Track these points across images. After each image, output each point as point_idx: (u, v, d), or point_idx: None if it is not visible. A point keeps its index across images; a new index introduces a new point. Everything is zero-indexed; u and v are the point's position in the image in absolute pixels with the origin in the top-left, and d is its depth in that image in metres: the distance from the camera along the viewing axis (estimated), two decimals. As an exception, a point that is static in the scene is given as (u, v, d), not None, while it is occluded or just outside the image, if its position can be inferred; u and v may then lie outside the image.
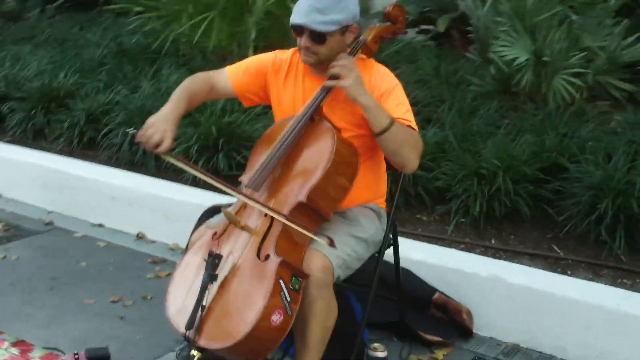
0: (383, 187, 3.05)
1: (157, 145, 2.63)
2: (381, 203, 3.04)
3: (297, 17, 2.69)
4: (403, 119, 2.72)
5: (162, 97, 5.09)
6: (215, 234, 2.76)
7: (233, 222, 2.65)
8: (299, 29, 2.71)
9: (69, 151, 5.33)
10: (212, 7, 5.93)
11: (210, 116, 4.77)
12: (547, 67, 4.89)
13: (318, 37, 2.69)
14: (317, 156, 2.70)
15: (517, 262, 3.60)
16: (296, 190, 2.66)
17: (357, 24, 2.78)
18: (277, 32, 6.18)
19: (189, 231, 4.06)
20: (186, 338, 2.56)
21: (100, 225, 4.64)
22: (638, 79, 5.11)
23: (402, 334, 3.35)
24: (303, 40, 2.73)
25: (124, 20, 7.52)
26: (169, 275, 3.95)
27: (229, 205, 2.92)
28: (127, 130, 2.76)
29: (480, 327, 3.41)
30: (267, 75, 2.95)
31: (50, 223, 4.69)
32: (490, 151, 3.95)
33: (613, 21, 5.14)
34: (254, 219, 2.68)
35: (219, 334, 2.49)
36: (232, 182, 4.47)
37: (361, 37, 2.93)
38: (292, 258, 2.60)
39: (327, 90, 2.77)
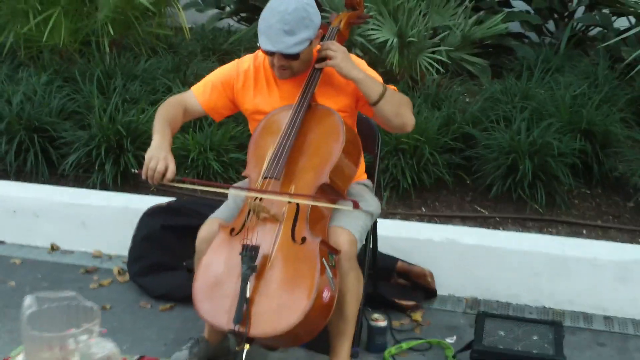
0: (364, 164, 3.24)
1: (164, 173, 2.72)
2: (365, 178, 3.23)
3: (267, 43, 2.76)
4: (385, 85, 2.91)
5: (44, 101, 4.81)
6: (232, 230, 2.78)
7: (261, 213, 2.70)
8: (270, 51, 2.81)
9: None
10: (54, 4, 5.66)
11: (101, 116, 4.60)
12: (411, 47, 5.30)
13: (291, 56, 2.81)
14: (328, 138, 2.83)
15: (451, 225, 3.96)
16: (316, 173, 2.77)
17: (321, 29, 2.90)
18: (122, 27, 6.02)
19: (111, 237, 4.06)
20: (235, 332, 2.59)
21: (1, 242, 4.31)
22: (487, 53, 5.70)
23: (375, 304, 3.55)
24: (276, 60, 2.83)
25: None
26: (112, 282, 3.85)
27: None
28: (133, 170, 2.88)
29: (439, 286, 3.71)
30: (233, 86, 3.04)
31: (-60, 247, 4.29)
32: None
33: (456, 2, 5.65)
34: (277, 206, 2.73)
35: (273, 321, 2.55)
36: (146, 181, 4.43)
37: (333, 25, 3.08)
38: (324, 236, 2.72)
39: (317, 76, 2.90)
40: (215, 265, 2.76)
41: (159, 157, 2.75)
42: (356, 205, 2.69)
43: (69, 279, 3.89)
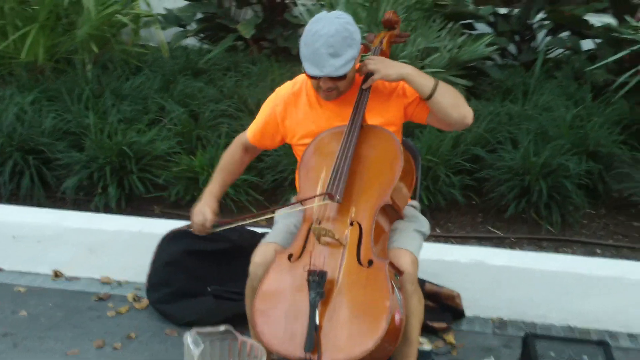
0: None
1: (204, 224, 2.92)
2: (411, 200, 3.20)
3: (314, 69, 2.72)
4: None
5: (35, 121, 4.63)
6: (291, 255, 2.72)
7: (326, 237, 2.65)
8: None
9: None
10: (32, 21, 5.51)
11: (97, 136, 4.45)
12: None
13: (338, 77, 2.76)
14: (387, 159, 2.80)
15: (468, 245, 3.99)
16: (378, 194, 2.73)
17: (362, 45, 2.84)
18: (99, 44, 5.85)
19: (121, 262, 3.95)
20: (307, 360, 2.52)
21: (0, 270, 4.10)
22: (472, 75, 5.79)
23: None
24: (322, 83, 2.79)
25: None
26: (129, 309, 3.72)
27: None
28: (188, 228, 3.03)
29: (465, 308, 3.73)
30: (277, 121, 3.01)
31: None
32: (423, 147, 4.25)
33: (439, 25, 5.72)
34: (339, 230, 2.69)
35: (347, 347, 2.49)
36: (149, 203, 4.31)
37: (374, 45, 3.05)
38: (387, 258, 2.69)
39: (367, 95, 2.86)
40: (276, 293, 2.67)
41: (198, 212, 2.97)
42: (331, 197, 2.68)
43: (84, 308, 3.72)
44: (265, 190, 4.41)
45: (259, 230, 3.79)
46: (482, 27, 6.48)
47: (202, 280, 3.67)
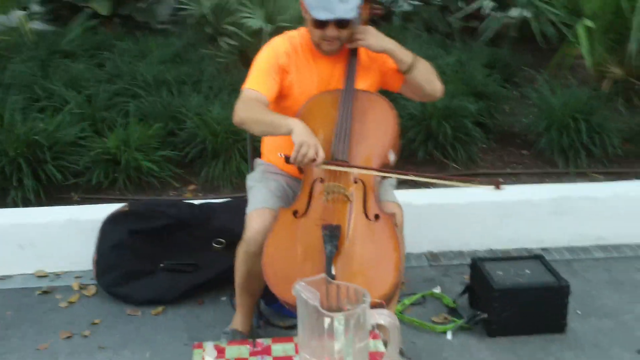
0: None
1: (313, 159, 2.71)
2: None
3: (325, 13, 2.83)
4: None
5: None
6: (296, 212, 2.84)
7: (337, 193, 2.81)
8: (324, 22, 2.88)
9: None
10: None
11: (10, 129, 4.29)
12: (283, 32, 5.49)
13: (344, 24, 2.90)
14: (384, 122, 2.99)
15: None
16: (379, 153, 2.93)
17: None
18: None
19: (53, 253, 3.86)
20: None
21: None
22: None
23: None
24: (329, 30, 2.90)
25: None
26: (80, 298, 3.69)
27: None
28: (280, 154, 2.78)
29: (399, 247, 4.03)
30: (284, 70, 3.00)
31: None
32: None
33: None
34: (345, 188, 2.84)
35: None
36: (66, 192, 4.23)
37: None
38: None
39: (355, 60, 3.02)
40: (287, 248, 2.76)
41: (310, 143, 2.71)
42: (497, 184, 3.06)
43: (32, 303, 3.64)
44: (185, 164, 4.46)
45: (196, 202, 3.88)
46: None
47: (150, 258, 3.70)
